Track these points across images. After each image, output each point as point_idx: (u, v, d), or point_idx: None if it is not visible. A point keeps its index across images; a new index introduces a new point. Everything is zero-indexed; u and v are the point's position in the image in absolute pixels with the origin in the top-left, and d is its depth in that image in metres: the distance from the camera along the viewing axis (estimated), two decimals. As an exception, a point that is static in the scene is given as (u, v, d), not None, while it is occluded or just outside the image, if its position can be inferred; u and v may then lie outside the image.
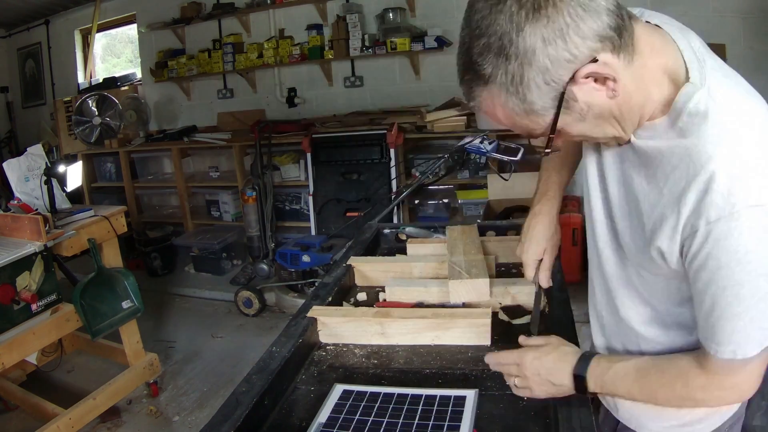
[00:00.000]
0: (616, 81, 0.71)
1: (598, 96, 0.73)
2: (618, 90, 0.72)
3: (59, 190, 2.61)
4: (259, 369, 1.03)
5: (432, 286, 1.36)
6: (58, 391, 2.87)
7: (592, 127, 0.77)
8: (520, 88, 0.71)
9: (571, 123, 0.76)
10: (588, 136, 0.80)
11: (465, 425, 0.89)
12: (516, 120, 0.76)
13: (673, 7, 3.47)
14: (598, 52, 0.69)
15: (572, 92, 0.71)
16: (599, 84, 0.72)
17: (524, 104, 0.73)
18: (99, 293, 2.48)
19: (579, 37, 0.67)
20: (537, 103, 0.72)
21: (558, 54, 0.68)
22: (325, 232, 3.88)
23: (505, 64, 0.70)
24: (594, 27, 0.68)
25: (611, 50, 0.69)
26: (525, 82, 0.70)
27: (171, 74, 4.99)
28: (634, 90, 0.74)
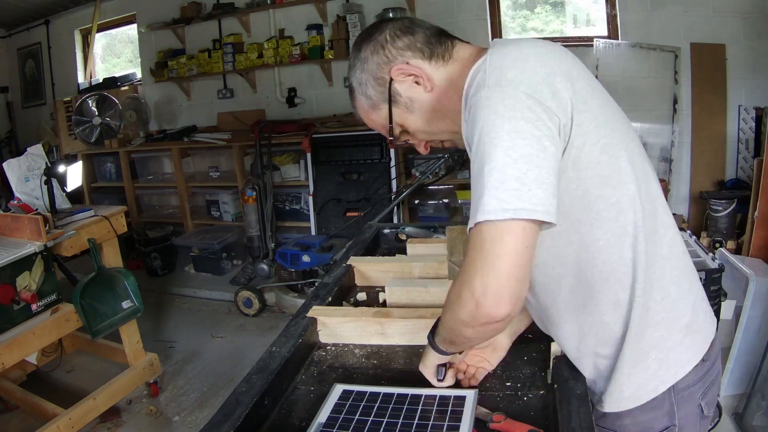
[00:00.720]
0: (426, 79, 0.95)
1: (417, 91, 0.97)
2: (429, 86, 0.95)
3: (59, 190, 2.61)
4: (259, 369, 1.03)
5: (432, 286, 1.35)
6: (58, 391, 2.87)
7: (424, 120, 0.99)
8: (363, 88, 1.01)
9: (405, 115, 0.99)
10: (426, 129, 1.00)
11: (465, 425, 0.89)
12: (370, 116, 1.03)
13: (673, 7, 3.47)
14: (410, 58, 0.96)
15: (396, 88, 0.97)
16: (416, 84, 0.96)
17: (368, 100, 1.01)
18: (99, 293, 2.48)
19: (394, 48, 0.96)
20: (375, 98, 1.00)
21: (380, 59, 0.97)
22: (325, 232, 3.88)
23: (354, 74, 1.02)
24: (406, 42, 0.96)
25: (422, 57, 0.96)
26: (364, 82, 1.00)
27: (171, 74, 4.99)
28: (448, 86, 0.95)
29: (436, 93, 0.96)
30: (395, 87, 0.97)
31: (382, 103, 0.99)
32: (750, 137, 3.47)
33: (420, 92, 0.96)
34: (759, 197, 2.67)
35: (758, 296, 2.27)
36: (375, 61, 0.97)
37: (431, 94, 0.96)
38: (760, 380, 2.19)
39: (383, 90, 0.98)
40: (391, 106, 0.98)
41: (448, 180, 3.79)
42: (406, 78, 0.96)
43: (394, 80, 0.96)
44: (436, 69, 0.96)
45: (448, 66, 0.96)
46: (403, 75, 0.96)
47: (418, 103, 0.97)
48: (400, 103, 0.98)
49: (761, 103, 3.42)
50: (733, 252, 2.75)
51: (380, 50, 0.97)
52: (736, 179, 3.56)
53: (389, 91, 0.97)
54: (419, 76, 0.95)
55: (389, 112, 0.99)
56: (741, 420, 2.20)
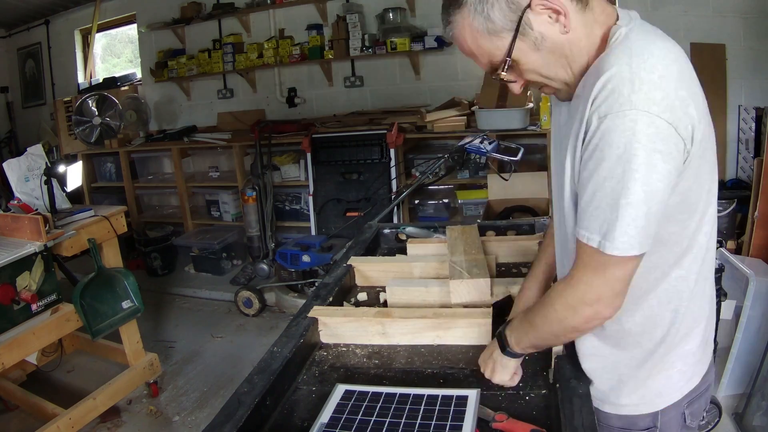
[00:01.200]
0: (566, 16, 0.83)
1: (552, 29, 0.84)
2: (568, 27, 0.84)
3: (59, 190, 2.61)
4: (261, 369, 1.03)
5: (432, 286, 1.35)
6: (58, 391, 2.86)
7: (545, 62, 0.87)
8: (486, 6, 0.83)
9: (527, 51, 0.86)
10: (541, 72, 0.89)
11: (467, 425, 0.89)
12: (480, 42, 0.87)
13: (673, 7, 3.47)
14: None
15: (529, 19, 0.83)
16: (553, 20, 0.84)
17: (488, 23, 0.84)
18: (99, 293, 2.47)
19: None
20: (498, 23, 0.84)
21: None
22: (325, 232, 3.88)
23: None
24: None
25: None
26: (490, 1, 0.83)
27: (171, 74, 4.99)
28: (583, 35, 0.86)
29: (570, 37, 0.85)
30: (529, 17, 0.83)
31: (505, 31, 0.84)
32: (750, 137, 3.47)
33: (555, 31, 0.84)
34: (759, 197, 2.67)
35: (758, 296, 2.27)
36: None
37: (566, 36, 0.85)
38: (760, 380, 2.19)
39: (513, 17, 0.83)
40: (516, 38, 0.84)
41: (448, 180, 3.79)
42: (545, 10, 0.83)
43: (532, 8, 0.82)
44: (576, 11, 0.84)
45: (587, 13, 0.85)
46: (544, 7, 0.82)
47: (549, 42, 0.85)
48: (528, 36, 0.84)
49: (761, 103, 3.42)
50: (733, 252, 2.75)
51: None
52: (736, 179, 3.56)
53: (520, 19, 0.83)
54: (561, 14, 0.83)
55: (511, 45, 0.85)
56: (741, 420, 2.20)
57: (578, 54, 0.87)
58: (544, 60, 0.87)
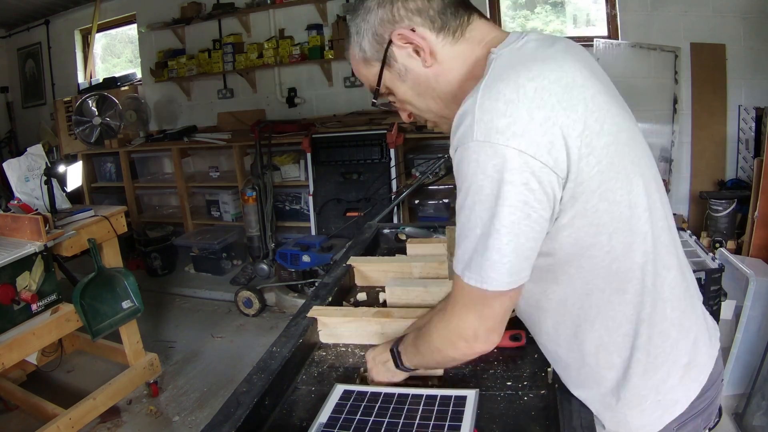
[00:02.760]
0: (428, 53, 0.86)
1: (414, 63, 0.88)
2: (430, 61, 0.87)
3: (59, 190, 2.61)
4: (260, 369, 1.03)
5: (432, 286, 1.35)
6: (58, 391, 2.86)
7: (414, 94, 0.91)
8: (359, 38, 0.90)
9: (396, 82, 0.91)
10: (414, 104, 0.93)
11: (466, 425, 0.89)
12: (359, 68, 0.94)
13: (673, 7, 3.47)
14: (417, 25, 0.86)
15: (393, 52, 0.88)
16: (416, 54, 0.87)
17: (361, 52, 0.91)
18: (99, 293, 2.48)
19: (404, 9, 0.86)
20: (368, 53, 0.90)
21: (385, 15, 0.87)
22: (325, 232, 3.88)
23: (355, 19, 0.91)
24: (419, 5, 0.86)
25: (430, 28, 0.86)
26: (362, 33, 0.90)
27: (171, 74, 4.99)
28: (452, 67, 0.87)
29: (434, 70, 0.87)
30: (393, 50, 0.88)
31: (375, 60, 0.90)
32: (750, 137, 3.47)
33: (417, 64, 0.88)
34: (759, 197, 2.67)
35: (758, 296, 2.27)
36: (379, 15, 0.87)
37: (429, 70, 0.87)
38: (760, 380, 2.19)
39: (379, 49, 0.89)
40: (383, 68, 0.90)
41: (448, 180, 3.78)
42: (406, 45, 0.87)
43: (394, 43, 0.87)
44: (442, 45, 0.86)
45: (457, 45, 0.87)
46: (404, 41, 0.86)
47: (413, 74, 0.89)
48: (393, 68, 0.89)
49: (761, 103, 3.42)
50: (733, 252, 2.75)
51: (388, 5, 0.87)
52: (736, 179, 3.56)
53: (385, 52, 0.88)
54: (421, 48, 0.86)
55: (380, 74, 0.91)
56: (741, 420, 2.20)
57: (447, 86, 0.88)
58: (414, 91, 0.91)
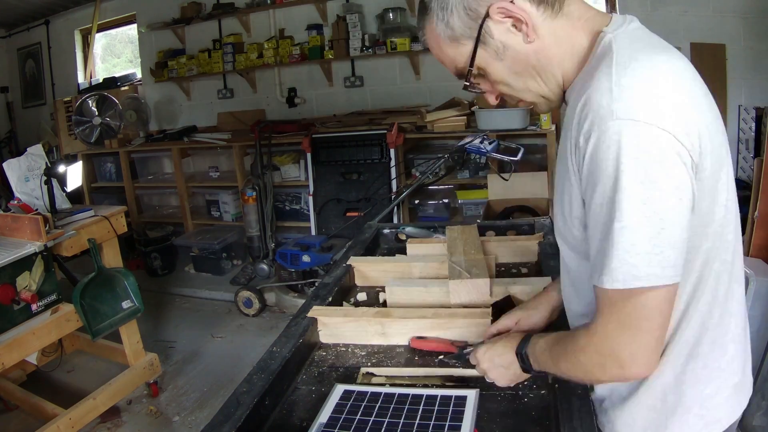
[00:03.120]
0: (528, 26, 0.78)
1: (514, 39, 0.80)
2: (532, 36, 0.79)
3: (59, 190, 2.61)
4: (260, 369, 1.03)
5: (432, 286, 1.35)
6: (58, 391, 2.86)
7: (511, 73, 0.83)
8: (446, 13, 0.81)
9: (490, 61, 0.82)
10: (511, 84, 0.84)
11: (466, 425, 0.89)
12: (443, 48, 0.84)
13: (673, 7, 3.47)
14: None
15: (489, 28, 0.79)
16: (516, 29, 0.79)
17: (448, 29, 0.82)
18: (99, 293, 2.47)
19: None
20: (458, 30, 0.81)
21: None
22: (325, 232, 3.88)
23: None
24: None
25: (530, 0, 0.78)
26: (449, 7, 0.80)
27: (171, 74, 4.99)
28: (552, 43, 0.80)
29: (535, 46, 0.80)
30: (489, 26, 0.79)
31: (466, 39, 0.81)
32: (750, 137, 3.47)
33: (518, 41, 0.80)
34: (759, 197, 2.66)
35: (758, 296, 2.27)
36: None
37: (530, 46, 0.80)
38: (760, 380, 2.19)
39: (473, 25, 0.79)
40: (477, 47, 0.81)
41: (448, 180, 3.79)
42: (505, 19, 0.79)
43: (491, 17, 0.78)
44: (543, 19, 0.79)
45: (557, 20, 0.80)
46: (504, 15, 0.78)
47: (512, 52, 0.80)
48: (489, 45, 0.81)
49: (761, 103, 3.42)
50: (733, 252, 2.74)
51: None
52: (736, 179, 3.55)
53: (480, 28, 0.79)
54: (522, 22, 0.78)
55: (473, 53, 0.81)
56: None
57: (548, 64, 0.81)
58: (511, 70, 0.83)
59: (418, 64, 4.26)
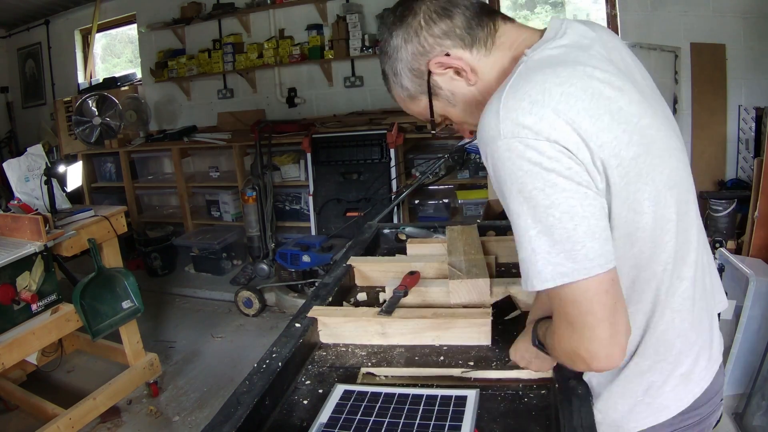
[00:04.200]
0: (469, 71, 0.85)
1: (459, 85, 0.88)
2: (473, 79, 0.86)
3: (59, 190, 2.61)
4: (260, 369, 1.03)
5: (432, 286, 1.35)
6: (58, 391, 2.87)
7: (467, 113, 0.90)
8: (399, 78, 0.91)
9: (447, 108, 0.91)
10: (470, 122, 0.91)
11: (466, 425, 0.89)
12: (408, 105, 0.94)
13: (673, 7, 3.47)
14: (449, 48, 0.85)
15: (435, 81, 0.88)
16: (458, 75, 0.87)
17: (404, 90, 0.92)
18: (99, 293, 2.48)
19: (431, 36, 0.85)
20: (411, 89, 0.91)
21: (414, 49, 0.87)
22: (325, 232, 3.88)
23: (388, 62, 0.91)
24: (444, 28, 0.85)
25: (462, 47, 0.85)
26: (398, 72, 0.90)
27: (171, 74, 4.99)
28: (493, 78, 0.86)
29: (479, 86, 0.87)
30: (435, 80, 0.88)
31: (420, 94, 0.90)
32: (750, 137, 3.47)
33: (462, 85, 0.87)
34: (759, 197, 2.67)
35: (758, 296, 2.27)
36: (409, 50, 0.87)
37: (474, 87, 0.87)
38: (760, 380, 2.19)
39: (421, 82, 0.89)
40: (432, 99, 0.90)
41: (448, 180, 3.79)
42: (446, 70, 0.87)
43: (433, 72, 0.87)
44: (478, 59, 0.86)
45: (492, 55, 0.86)
46: (443, 67, 0.86)
47: (460, 96, 0.89)
48: (441, 96, 0.90)
49: (761, 103, 3.42)
50: (733, 252, 2.74)
51: (414, 38, 0.86)
52: (736, 179, 3.55)
53: (428, 83, 0.88)
54: (461, 69, 0.86)
55: (430, 105, 0.90)
56: (741, 420, 2.20)
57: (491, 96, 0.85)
58: (467, 111, 0.90)
59: (418, 64, 4.25)
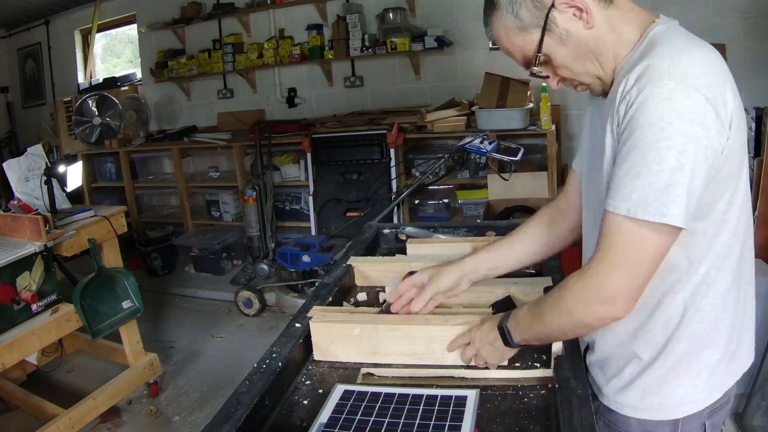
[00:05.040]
0: (588, 13, 0.88)
1: (576, 25, 0.89)
2: (591, 23, 0.88)
3: (59, 190, 2.61)
4: (260, 369, 1.03)
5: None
6: (58, 391, 2.87)
7: (573, 57, 0.92)
8: (515, 6, 0.90)
9: (555, 47, 0.91)
10: (571, 67, 0.93)
11: (466, 425, 0.89)
12: (513, 39, 0.93)
13: (673, 7, 3.47)
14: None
15: (554, 17, 0.89)
16: (577, 17, 0.89)
17: (517, 20, 0.91)
18: (99, 293, 2.48)
19: None
20: (527, 20, 0.90)
21: None
22: (325, 232, 3.88)
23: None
24: None
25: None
26: (518, 1, 0.89)
27: (171, 74, 4.99)
28: (607, 30, 0.90)
29: (593, 32, 0.90)
30: (554, 15, 0.89)
31: (534, 28, 0.90)
32: (750, 137, 3.47)
33: (579, 27, 0.89)
34: (759, 197, 2.67)
35: (758, 296, 2.25)
36: None
37: (590, 32, 0.90)
38: (760, 380, 2.19)
39: (540, 15, 0.89)
40: (544, 34, 0.90)
41: (448, 180, 3.79)
42: (568, 8, 0.88)
43: (556, 7, 0.88)
44: (599, 7, 0.89)
45: (611, 9, 0.90)
46: (567, 5, 0.88)
47: (575, 37, 0.90)
48: (554, 33, 0.90)
49: (761, 103, 3.42)
50: (733, 252, 2.74)
51: None
52: (736, 179, 3.56)
53: (546, 17, 0.89)
54: (583, 10, 0.88)
55: (540, 40, 0.91)
56: (741, 420, 2.20)
57: (604, 48, 0.90)
58: (572, 54, 0.92)
59: (418, 64, 4.26)
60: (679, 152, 0.77)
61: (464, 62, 4.13)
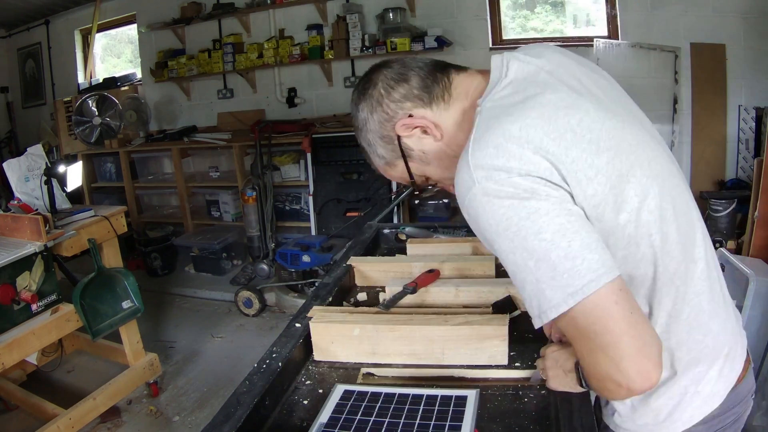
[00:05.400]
0: (433, 127, 0.89)
1: (427, 142, 0.92)
2: (438, 134, 0.90)
3: (59, 190, 2.61)
4: (260, 369, 1.03)
5: (432, 286, 1.35)
6: (58, 391, 2.87)
7: (444, 169, 0.93)
8: (373, 148, 0.96)
9: (423, 167, 0.95)
10: (446, 176, 0.94)
11: (466, 425, 0.89)
12: (389, 172, 0.98)
13: (673, 7, 3.47)
14: (410, 109, 0.90)
15: (406, 143, 0.92)
16: (425, 134, 0.91)
17: (381, 159, 0.96)
18: (99, 293, 2.48)
19: (392, 102, 0.91)
20: (386, 156, 0.95)
21: (380, 117, 0.92)
22: (325, 232, 3.88)
23: (361, 135, 0.96)
24: (402, 92, 0.90)
25: (422, 106, 0.90)
26: (372, 143, 0.95)
27: (171, 74, 4.99)
28: (456, 129, 0.90)
29: (447, 139, 0.91)
30: (405, 142, 0.92)
31: (397, 159, 0.95)
32: (750, 137, 3.47)
33: (430, 142, 0.91)
34: (759, 197, 2.66)
35: (758, 296, 2.27)
36: (376, 119, 0.93)
37: (442, 141, 0.91)
38: (760, 380, 2.19)
39: (393, 147, 0.93)
40: (407, 162, 0.94)
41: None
42: (412, 131, 0.91)
43: (402, 136, 0.92)
44: (439, 114, 0.90)
45: (451, 107, 0.90)
46: (409, 129, 0.91)
47: (432, 153, 0.92)
48: (414, 156, 0.93)
49: (761, 103, 3.42)
50: (733, 252, 2.74)
51: (378, 107, 0.92)
52: (736, 179, 3.56)
53: (400, 147, 0.92)
54: (426, 127, 0.90)
55: (407, 168, 0.94)
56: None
57: (458, 148, 0.86)
58: (441, 167, 0.94)
59: (418, 64, 4.25)
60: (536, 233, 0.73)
61: (464, 62, 4.05)
